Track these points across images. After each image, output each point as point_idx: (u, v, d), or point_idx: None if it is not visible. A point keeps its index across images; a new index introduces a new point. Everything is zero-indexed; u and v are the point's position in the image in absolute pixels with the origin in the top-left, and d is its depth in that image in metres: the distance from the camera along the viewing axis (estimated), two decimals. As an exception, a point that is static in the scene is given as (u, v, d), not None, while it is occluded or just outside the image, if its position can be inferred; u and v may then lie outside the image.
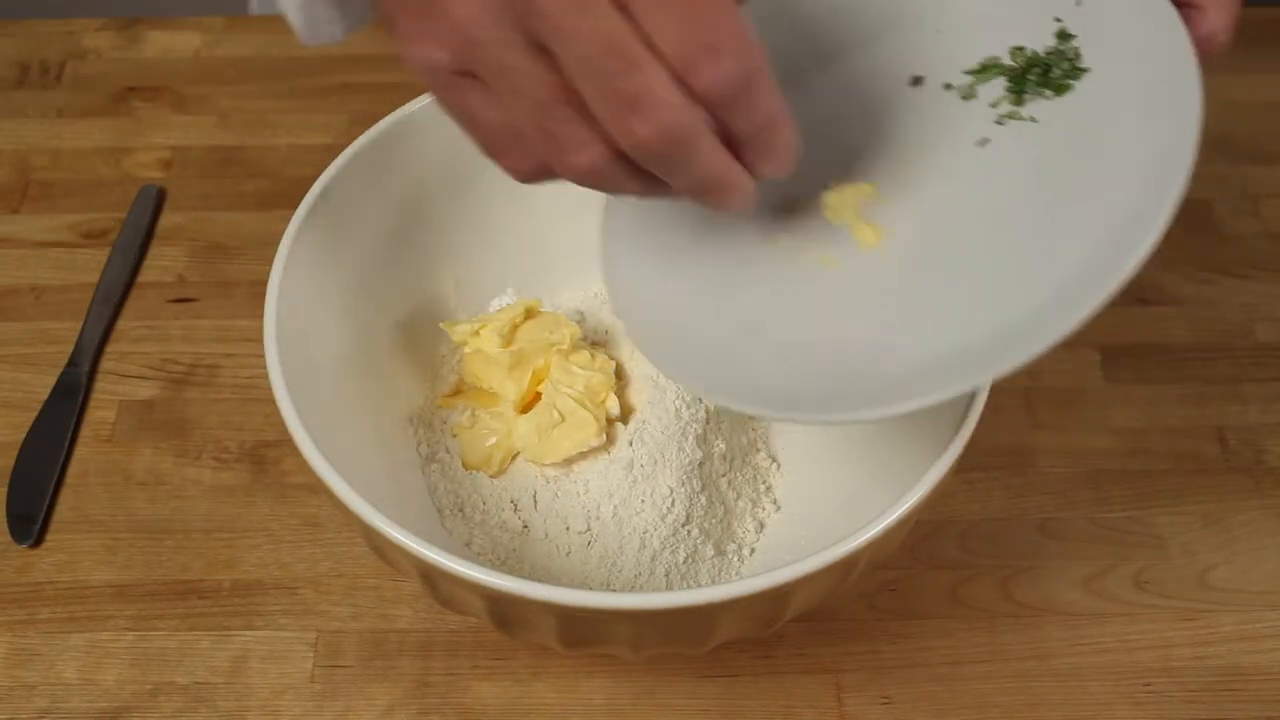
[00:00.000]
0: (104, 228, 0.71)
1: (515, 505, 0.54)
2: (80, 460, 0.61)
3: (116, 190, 0.73)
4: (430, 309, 0.59)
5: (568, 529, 0.53)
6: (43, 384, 0.64)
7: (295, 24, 0.53)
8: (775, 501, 0.56)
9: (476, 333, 0.55)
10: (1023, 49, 0.46)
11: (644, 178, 0.38)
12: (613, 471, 0.53)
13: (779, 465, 0.57)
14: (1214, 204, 0.72)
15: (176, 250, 0.70)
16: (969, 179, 0.45)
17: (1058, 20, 0.46)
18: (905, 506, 0.44)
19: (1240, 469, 0.61)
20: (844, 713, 0.53)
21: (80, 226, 0.71)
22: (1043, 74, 0.45)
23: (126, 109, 0.77)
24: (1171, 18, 0.41)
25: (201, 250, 0.70)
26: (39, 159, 0.75)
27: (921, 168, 0.46)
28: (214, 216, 0.72)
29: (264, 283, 0.50)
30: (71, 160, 0.75)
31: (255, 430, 0.62)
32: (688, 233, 0.48)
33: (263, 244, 0.70)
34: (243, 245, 0.70)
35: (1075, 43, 0.45)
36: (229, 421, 0.63)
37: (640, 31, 0.35)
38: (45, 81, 0.79)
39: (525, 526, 0.54)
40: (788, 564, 0.42)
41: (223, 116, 0.77)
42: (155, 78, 0.79)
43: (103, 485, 0.61)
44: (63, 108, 0.77)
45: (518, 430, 0.54)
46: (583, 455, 0.53)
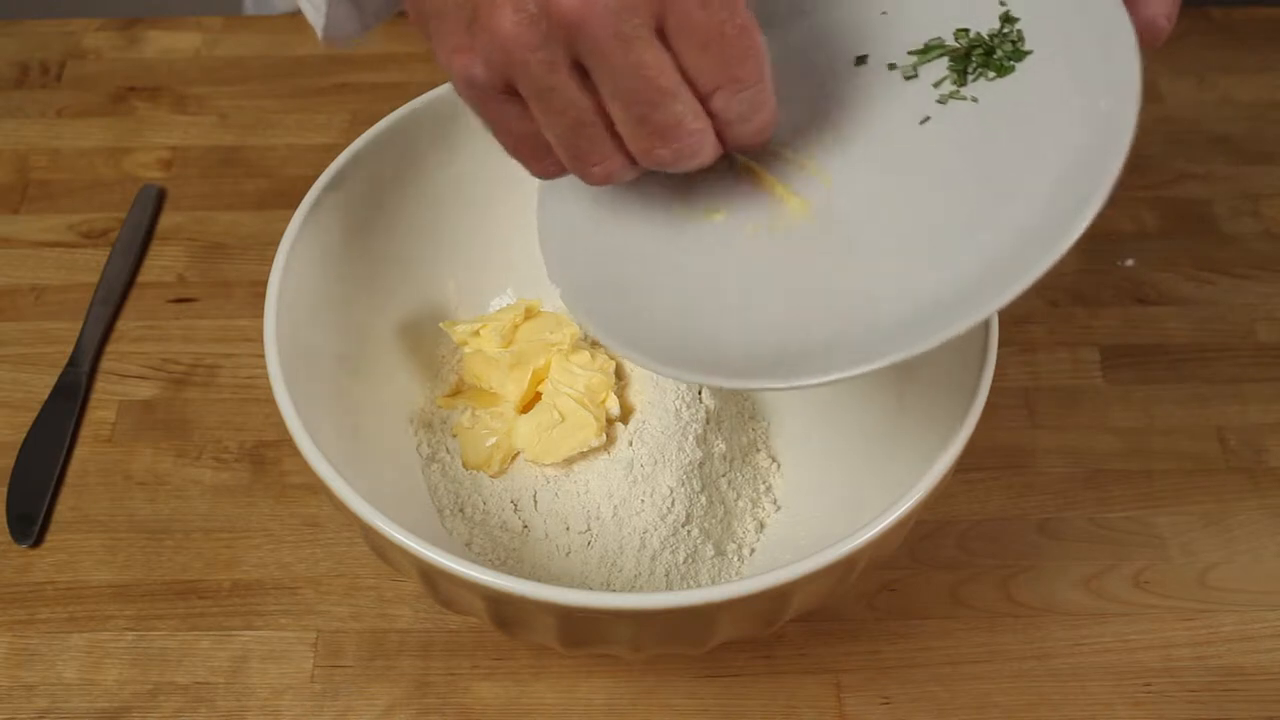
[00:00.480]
0: (104, 228, 0.71)
1: (515, 505, 0.54)
2: (80, 460, 0.61)
3: (116, 190, 0.73)
4: (430, 309, 0.59)
5: (568, 529, 0.53)
6: (43, 384, 0.64)
7: (314, 22, 0.53)
8: (775, 501, 0.56)
9: (476, 333, 0.55)
10: (966, 31, 0.46)
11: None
12: (613, 471, 0.53)
13: (779, 465, 0.57)
14: (1214, 204, 0.72)
15: (176, 250, 0.70)
16: (907, 153, 0.46)
17: (1002, 4, 0.46)
18: (905, 506, 0.44)
19: (1240, 469, 0.61)
20: (844, 713, 0.53)
21: (80, 226, 0.71)
22: (985, 55, 0.46)
23: (126, 109, 0.77)
24: (1114, 3, 0.42)
25: (201, 250, 0.70)
26: (39, 159, 0.75)
27: (860, 142, 0.47)
28: (214, 216, 0.72)
29: (264, 283, 0.50)
30: (71, 160, 0.75)
31: (255, 430, 0.62)
32: (621, 201, 0.48)
33: (263, 244, 0.70)
34: (243, 245, 0.70)
35: (1019, 25, 0.46)
36: (229, 421, 0.63)
37: (679, 65, 0.38)
38: (45, 81, 0.79)
39: (525, 526, 0.54)
40: (788, 564, 0.42)
41: (223, 116, 0.77)
42: (155, 78, 0.79)
43: (103, 485, 0.61)
44: (62, 108, 0.77)
45: (518, 430, 0.54)
46: (583, 455, 0.53)
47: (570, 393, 0.53)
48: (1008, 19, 0.46)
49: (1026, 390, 0.63)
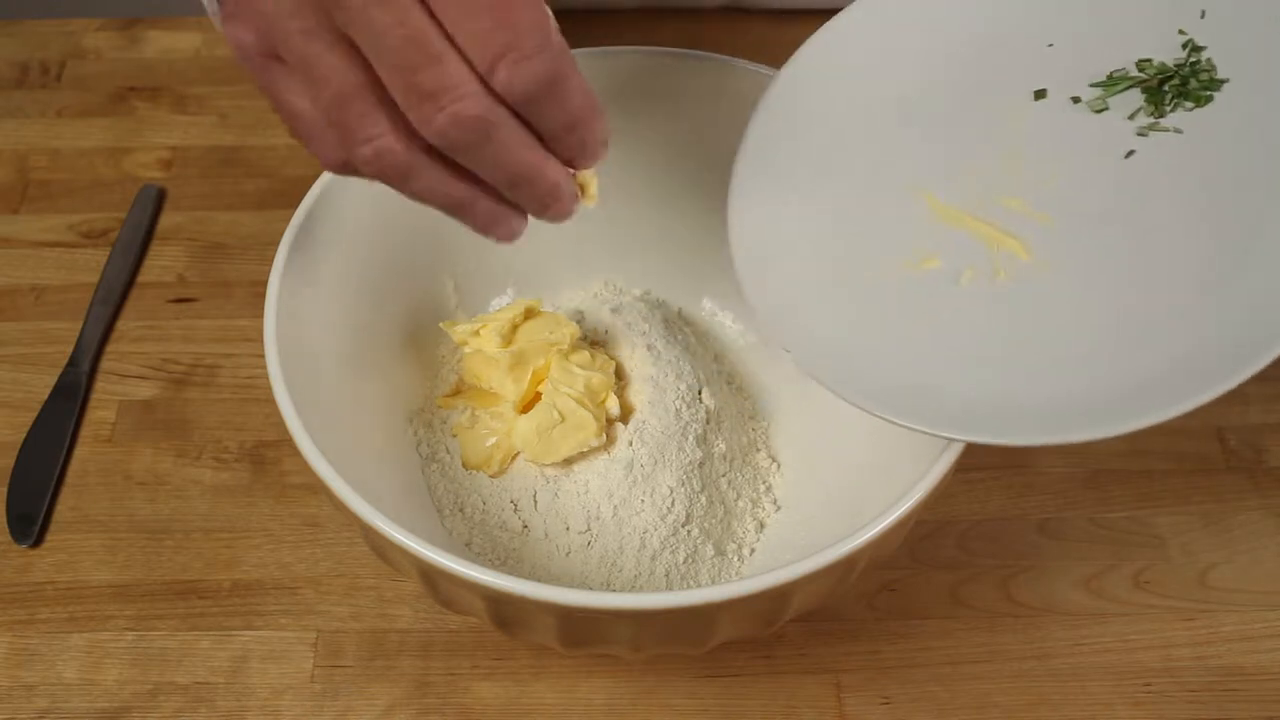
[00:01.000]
0: (104, 228, 0.71)
1: (515, 505, 0.54)
2: (80, 460, 0.61)
3: (116, 190, 0.73)
4: (430, 309, 0.59)
5: (568, 529, 0.53)
6: (43, 384, 0.64)
7: (210, 14, 0.53)
8: (775, 501, 0.56)
9: (476, 333, 0.55)
10: (1150, 61, 0.46)
11: (442, 167, 0.38)
12: (613, 471, 0.53)
13: (779, 465, 0.57)
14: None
15: (176, 250, 0.70)
16: (1121, 188, 0.45)
17: (1182, 32, 0.46)
18: (905, 506, 0.44)
19: (1240, 469, 0.61)
20: (844, 713, 0.53)
21: (80, 226, 0.71)
22: (1180, 85, 0.45)
23: (126, 109, 0.77)
24: None
25: (201, 250, 0.70)
26: (39, 159, 0.75)
27: (1066, 178, 0.46)
28: (214, 216, 0.72)
29: (264, 283, 0.50)
30: (71, 160, 0.75)
31: (255, 430, 0.62)
32: (826, 254, 0.48)
33: (263, 244, 0.70)
34: (243, 245, 0.70)
35: (1207, 53, 0.45)
36: (229, 421, 0.63)
37: (443, 28, 0.35)
38: (45, 81, 0.79)
39: (525, 526, 0.54)
40: (788, 564, 0.42)
41: (223, 116, 0.77)
42: (155, 78, 0.79)
43: (103, 485, 0.61)
44: (62, 108, 0.77)
45: (518, 430, 0.54)
46: (583, 455, 0.53)
47: (570, 393, 0.53)
48: (1194, 48, 0.46)
49: (1026, 390, 0.63)
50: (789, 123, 0.50)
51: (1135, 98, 0.47)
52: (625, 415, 0.55)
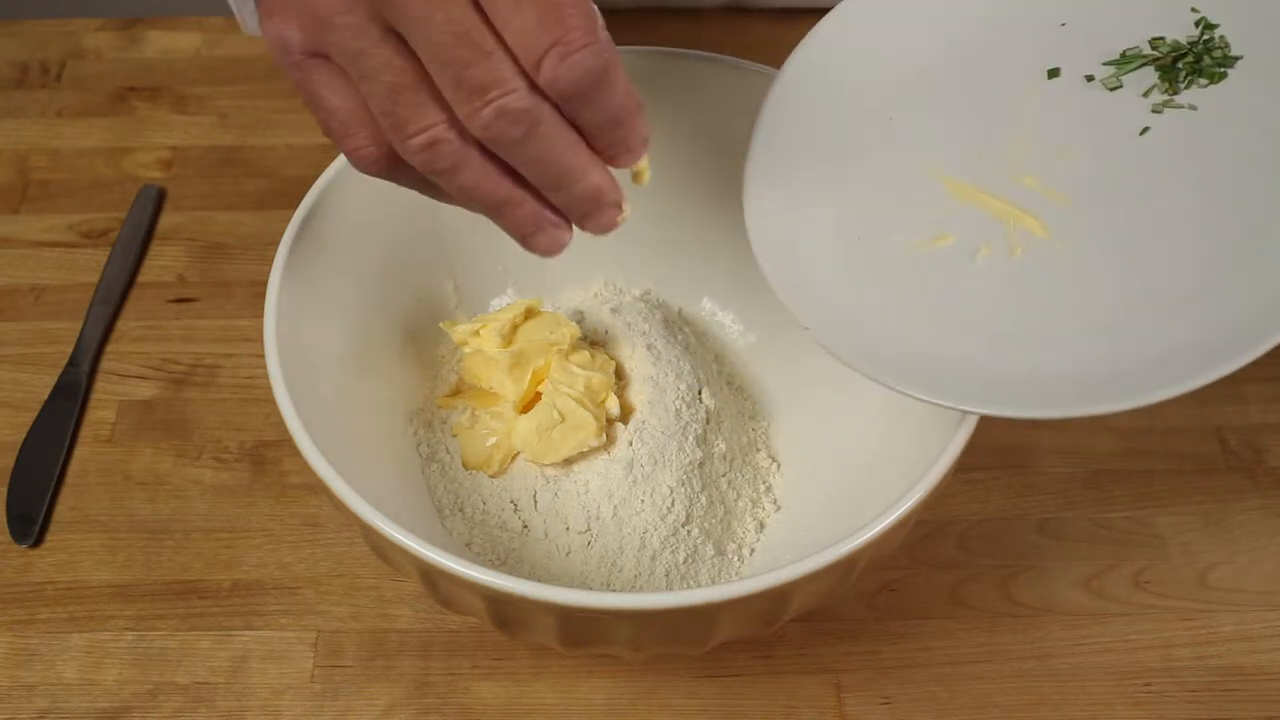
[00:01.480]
0: (104, 228, 0.71)
1: (515, 505, 0.54)
2: (80, 460, 0.61)
3: (116, 190, 0.73)
4: (430, 309, 0.59)
5: (568, 529, 0.53)
6: (43, 384, 0.64)
7: (236, 14, 0.53)
8: (775, 501, 0.56)
9: (476, 333, 0.55)
10: (1163, 39, 0.46)
11: (491, 163, 0.39)
12: (613, 471, 0.53)
13: (779, 465, 0.57)
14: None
15: (176, 250, 0.70)
16: (1138, 165, 0.45)
17: (1194, 10, 0.46)
18: (905, 506, 0.44)
19: (1240, 469, 0.61)
20: (844, 713, 0.53)
21: (80, 226, 0.71)
22: (1194, 62, 0.46)
23: (126, 109, 0.77)
24: None
25: (201, 250, 0.70)
26: (39, 159, 0.75)
27: (1083, 156, 0.46)
28: (214, 216, 0.72)
29: (264, 283, 0.50)
30: (71, 160, 0.75)
31: (255, 430, 0.62)
32: (841, 234, 0.48)
33: (263, 244, 0.70)
34: (243, 245, 0.70)
35: (1219, 31, 0.46)
36: (229, 421, 0.63)
37: (491, 24, 0.36)
38: (45, 81, 0.79)
39: (525, 526, 0.54)
40: (788, 564, 0.42)
41: (223, 116, 0.77)
42: (155, 78, 0.79)
43: (103, 485, 0.61)
44: (62, 108, 0.77)
45: (518, 430, 0.54)
46: (583, 455, 0.53)
47: (570, 393, 0.53)
48: (1207, 25, 0.46)
49: (1026, 390, 0.63)
50: (802, 106, 0.50)
51: (1149, 75, 0.47)
52: (625, 415, 0.55)
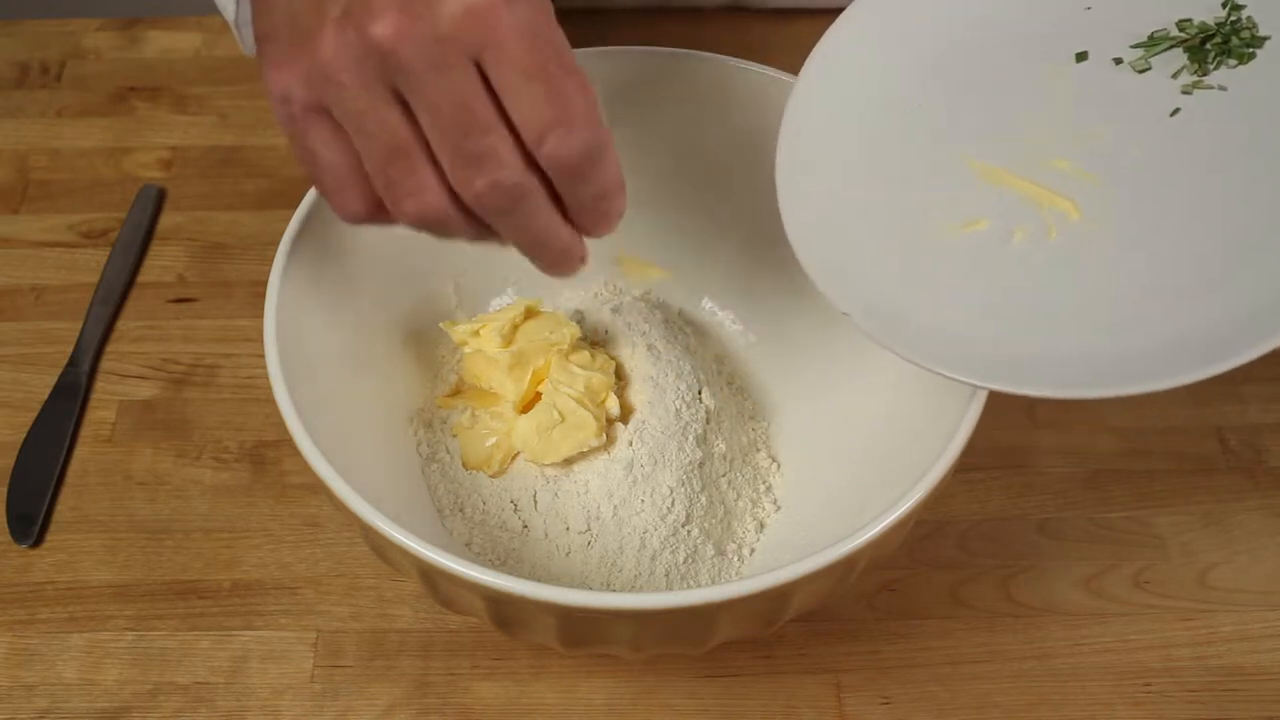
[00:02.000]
0: (104, 228, 0.71)
1: (515, 505, 0.54)
2: (80, 460, 0.61)
3: (116, 190, 0.73)
4: (430, 309, 0.59)
5: (568, 529, 0.53)
6: (43, 384, 0.64)
7: (234, 31, 0.54)
8: (775, 501, 0.56)
9: (476, 333, 0.55)
10: (1190, 20, 0.47)
11: (476, 226, 0.41)
12: (613, 471, 0.53)
13: (779, 465, 0.57)
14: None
15: (176, 250, 0.70)
16: (1169, 147, 0.46)
17: None
18: (905, 506, 0.44)
19: (1240, 469, 0.61)
20: (844, 713, 0.53)
21: (80, 226, 0.71)
22: (1223, 43, 0.46)
23: (126, 109, 0.77)
24: None
25: (201, 250, 0.70)
26: (39, 159, 0.75)
27: (1113, 138, 0.47)
28: (214, 216, 0.72)
29: (264, 283, 0.50)
30: (71, 160, 0.75)
31: (255, 430, 0.62)
32: (880, 219, 0.48)
33: (263, 244, 0.70)
34: (243, 245, 0.70)
35: (1246, 11, 0.46)
36: (229, 421, 0.63)
37: (495, 97, 0.37)
38: (45, 81, 0.79)
39: (525, 526, 0.54)
40: (788, 564, 0.42)
41: (223, 116, 0.77)
42: (155, 78, 0.79)
43: (103, 485, 0.61)
44: (62, 108, 0.77)
45: (518, 430, 0.54)
46: (583, 455, 0.53)
47: (570, 393, 0.53)
48: (1234, 6, 0.47)
49: (1026, 390, 0.63)
50: (829, 97, 0.51)
51: (1177, 57, 0.47)
52: (625, 415, 0.55)
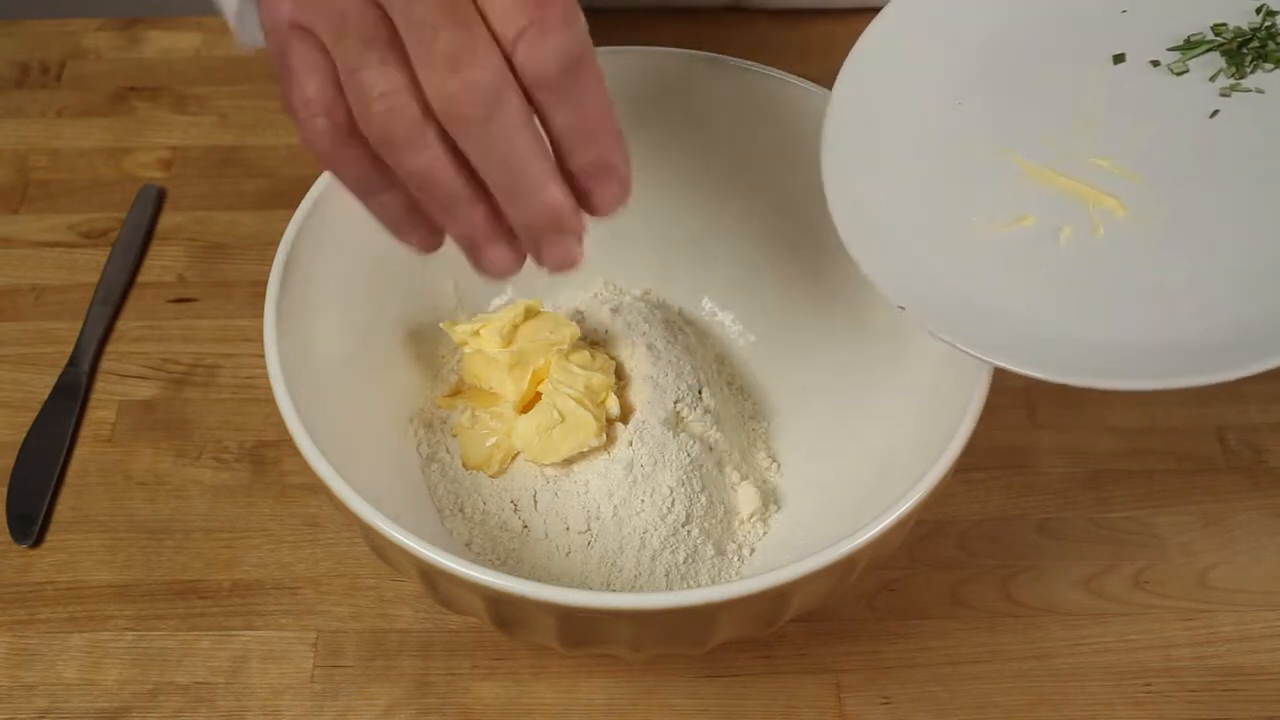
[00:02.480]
0: (104, 228, 0.71)
1: (515, 505, 0.54)
2: (80, 460, 0.61)
3: (116, 190, 0.73)
4: (430, 309, 0.59)
5: (568, 529, 0.53)
6: (43, 384, 0.64)
7: (232, 25, 0.54)
8: (776, 501, 0.56)
9: (476, 333, 0.55)
10: (1225, 25, 0.48)
11: (449, 154, 0.37)
12: (613, 471, 0.53)
13: (779, 465, 0.57)
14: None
15: (176, 250, 0.70)
16: (1209, 149, 0.47)
17: None
18: (905, 506, 0.44)
19: (1240, 469, 0.61)
20: (844, 713, 0.53)
21: (80, 226, 0.71)
22: (1260, 47, 0.47)
23: (126, 109, 0.77)
24: None
25: (201, 250, 0.70)
26: (39, 159, 0.75)
27: (1153, 137, 0.48)
28: (214, 216, 0.72)
29: (264, 283, 0.50)
30: (71, 160, 0.75)
31: (255, 430, 0.62)
32: (927, 218, 0.49)
33: (263, 244, 0.70)
34: (243, 245, 0.70)
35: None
36: (229, 421, 0.63)
37: (476, 2, 0.35)
38: (45, 81, 0.79)
39: (525, 526, 0.54)
40: (788, 564, 0.42)
41: (223, 116, 0.77)
42: (155, 78, 0.79)
43: (103, 485, 0.61)
44: (62, 108, 0.77)
45: (518, 430, 0.54)
46: (583, 455, 0.53)
47: (570, 393, 0.53)
48: (1269, 12, 0.48)
49: (1027, 390, 0.63)
50: (870, 96, 0.51)
51: (1214, 60, 0.48)
52: (625, 415, 0.55)
